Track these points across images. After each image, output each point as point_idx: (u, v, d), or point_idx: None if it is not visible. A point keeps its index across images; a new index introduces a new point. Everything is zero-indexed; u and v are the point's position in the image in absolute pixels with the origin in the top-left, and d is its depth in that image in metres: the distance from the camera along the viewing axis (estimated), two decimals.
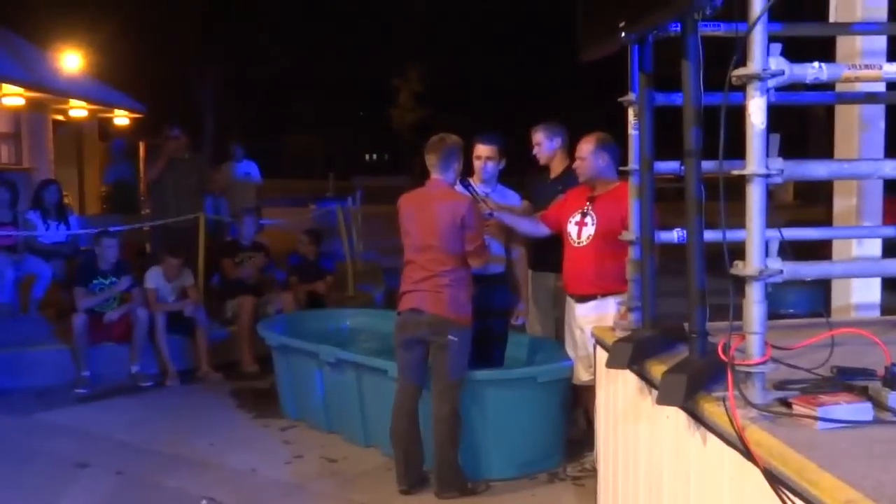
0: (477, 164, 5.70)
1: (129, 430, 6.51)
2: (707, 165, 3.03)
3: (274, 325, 7.26)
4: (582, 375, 5.44)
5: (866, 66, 2.83)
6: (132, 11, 27.15)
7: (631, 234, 3.80)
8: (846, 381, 2.76)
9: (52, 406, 7.10)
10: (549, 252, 5.77)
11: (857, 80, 2.89)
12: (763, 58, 2.54)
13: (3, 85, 13.46)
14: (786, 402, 2.61)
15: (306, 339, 6.64)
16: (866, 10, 4.77)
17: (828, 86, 3.40)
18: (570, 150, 5.95)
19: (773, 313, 2.73)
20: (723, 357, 2.69)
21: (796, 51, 2.82)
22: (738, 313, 2.67)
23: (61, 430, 6.52)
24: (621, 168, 4.16)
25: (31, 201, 9.38)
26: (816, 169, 2.88)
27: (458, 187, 5.31)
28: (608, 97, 4.50)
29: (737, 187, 2.68)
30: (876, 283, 5.07)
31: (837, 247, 5.17)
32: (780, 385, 2.73)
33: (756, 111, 2.55)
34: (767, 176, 2.57)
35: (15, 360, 7.72)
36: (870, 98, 4.63)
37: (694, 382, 2.83)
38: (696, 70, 2.98)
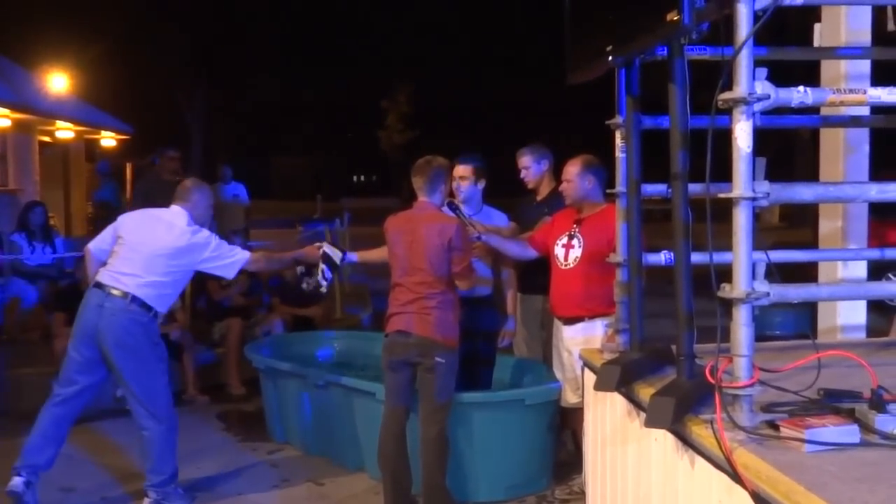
0: (453, 184, 5.68)
1: (115, 453, 6.46)
2: (694, 188, 3.05)
3: (261, 348, 7.22)
4: (570, 398, 5.43)
5: (851, 91, 2.85)
6: (120, 34, 27.21)
7: (618, 256, 3.81)
8: (833, 403, 2.77)
9: None
10: (536, 274, 5.76)
11: (842, 104, 2.91)
12: (749, 82, 2.56)
13: None
14: (773, 425, 2.61)
15: (294, 362, 6.61)
16: (850, 35, 4.81)
17: (813, 109, 3.42)
18: (557, 172, 5.95)
19: (759, 335, 2.74)
20: (710, 379, 2.70)
21: (782, 75, 2.85)
22: (726, 336, 2.68)
23: None
24: (608, 190, 4.17)
25: (17, 223, 9.35)
26: (802, 192, 2.90)
27: (445, 209, 5.31)
28: (595, 120, 4.52)
29: (723, 210, 2.70)
30: (862, 305, 5.09)
31: (823, 269, 5.19)
32: (768, 407, 2.74)
33: (742, 135, 2.56)
34: (754, 199, 2.59)
35: None
36: (854, 121, 4.66)
37: (682, 405, 2.83)
38: (683, 94, 3.00)
